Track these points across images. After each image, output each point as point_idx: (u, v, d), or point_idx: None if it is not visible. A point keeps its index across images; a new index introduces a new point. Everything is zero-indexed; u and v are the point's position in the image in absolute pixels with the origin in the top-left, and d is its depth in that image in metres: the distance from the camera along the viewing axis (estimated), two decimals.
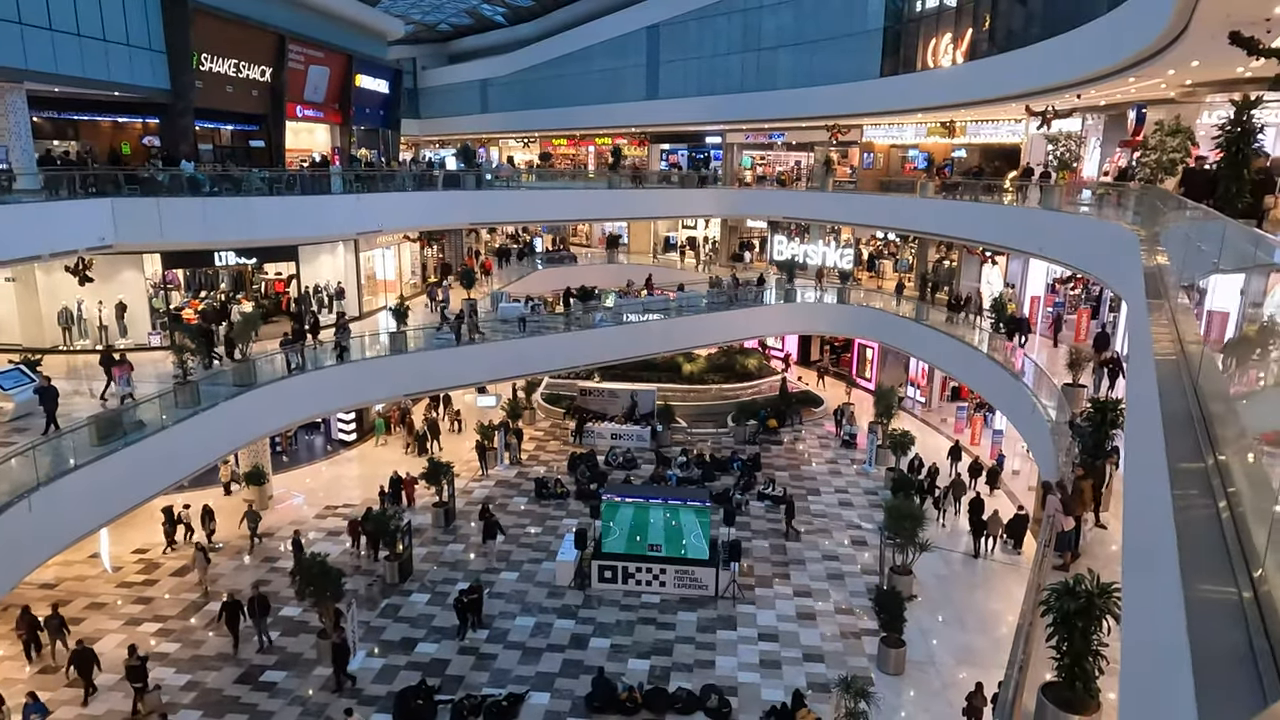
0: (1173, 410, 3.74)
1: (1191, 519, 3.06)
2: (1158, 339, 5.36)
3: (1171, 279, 8.42)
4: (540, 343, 27.36)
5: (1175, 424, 3.59)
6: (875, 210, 33.06)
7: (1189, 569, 2.77)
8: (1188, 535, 3.00)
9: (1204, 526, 2.93)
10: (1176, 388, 4.02)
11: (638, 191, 39.60)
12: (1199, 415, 3.54)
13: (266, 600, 17.68)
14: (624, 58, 44.68)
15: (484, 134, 58.78)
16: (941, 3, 28.85)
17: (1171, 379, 4.24)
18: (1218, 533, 2.82)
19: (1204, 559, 2.62)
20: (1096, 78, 18.97)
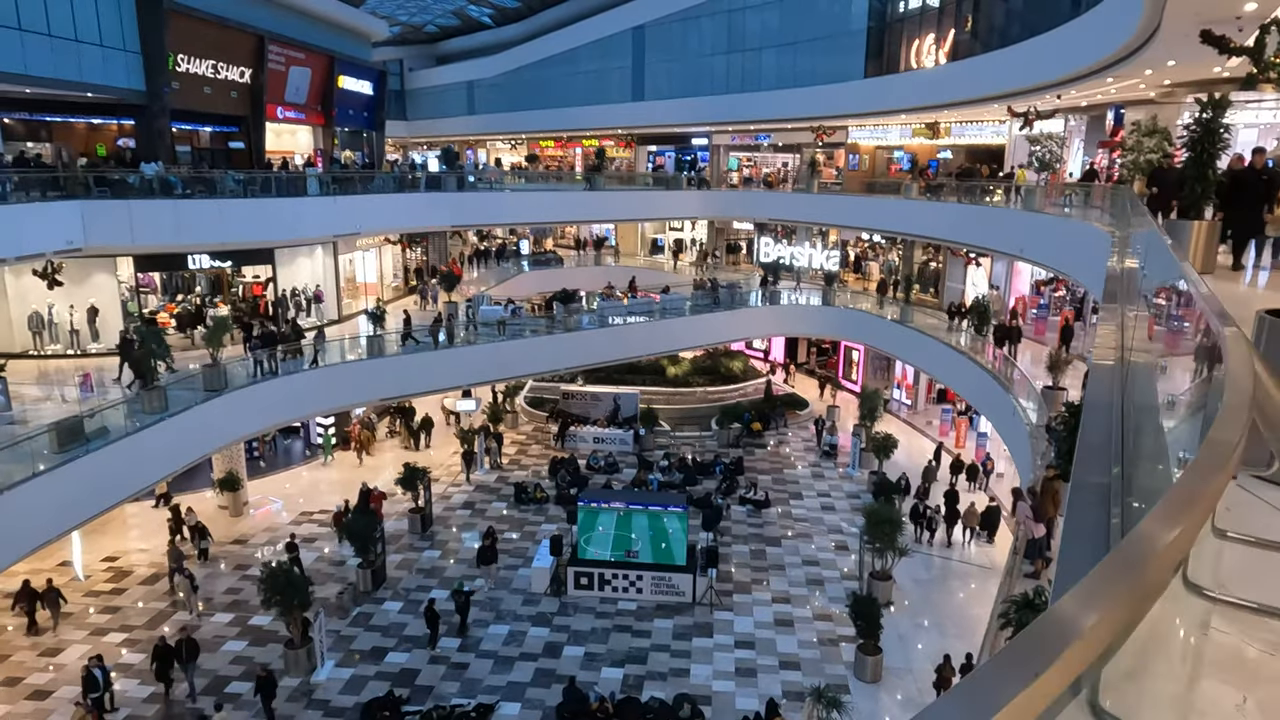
0: (1095, 419, 3.55)
1: (1080, 528, 2.89)
2: (1102, 345, 5.17)
3: (1132, 283, 8.24)
4: (520, 346, 27.09)
5: (1094, 433, 3.40)
6: (860, 212, 32.92)
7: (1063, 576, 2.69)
8: (1073, 543, 2.86)
9: (1091, 539, 2.75)
10: (1106, 395, 3.83)
11: (622, 193, 39.46)
12: (1118, 425, 3.35)
13: (196, 645, 16.33)
14: (610, 59, 44.53)
15: (471, 136, 58.57)
16: (924, 4, 28.73)
17: (1104, 386, 4.05)
18: (1102, 546, 2.65)
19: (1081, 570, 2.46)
20: (1075, 78, 18.85)
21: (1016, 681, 0.96)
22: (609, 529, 19.94)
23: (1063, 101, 23.24)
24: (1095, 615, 1.13)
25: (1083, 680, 1.16)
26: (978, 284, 30.19)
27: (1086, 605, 1.17)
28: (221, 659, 17.23)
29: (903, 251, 35.12)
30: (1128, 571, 1.29)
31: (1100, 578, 1.26)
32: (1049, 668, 0.99)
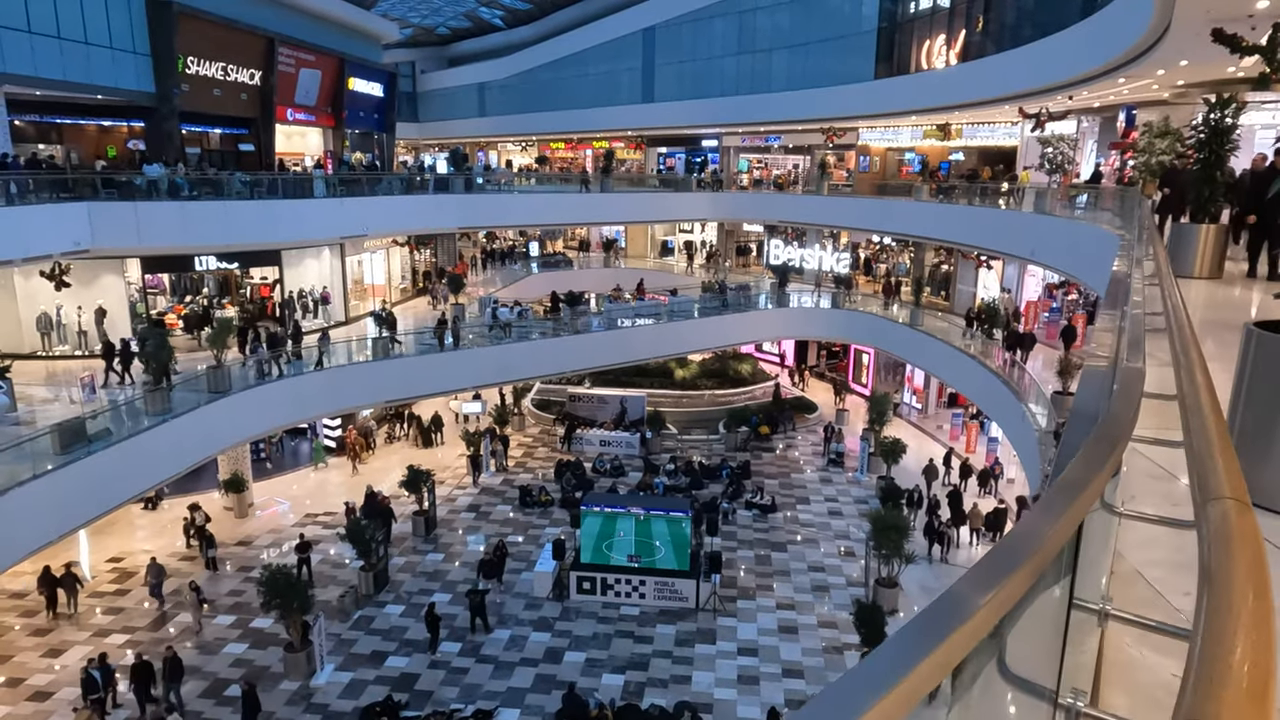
0: (1079, 426, 3.38)
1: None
2: (1095, 350, 4.97)
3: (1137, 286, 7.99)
4: (526, 348, 27.01)
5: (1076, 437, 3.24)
6: (870, 214, 32.64)
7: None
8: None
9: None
10: (1094, 402, 3.65)
11: (630, 195, 39.34)
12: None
13: (179, 664, 15.90)
14: (620, 61, 44.42)
15: (482, 137, 58.63)
16: (934, 4, 28.44)
17: (1092, 392, 3.87)
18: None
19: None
20: (1086, 79, 18.56)
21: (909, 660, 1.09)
22: (612, 533, 19.79)
23: (1075, 103, 22.92)
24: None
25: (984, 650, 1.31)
26: (989, 287, 29.85)
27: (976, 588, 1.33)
28: (221, 662, 17.21)
29: (914, 254, 34.83)
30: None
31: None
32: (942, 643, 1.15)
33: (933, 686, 1.13)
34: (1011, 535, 1.52)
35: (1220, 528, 1.37)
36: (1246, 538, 1.31)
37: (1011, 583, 1.32)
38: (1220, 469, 1.67)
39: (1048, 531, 1.48)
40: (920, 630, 1.22)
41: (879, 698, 0.97)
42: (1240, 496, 1.49)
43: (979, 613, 1.24)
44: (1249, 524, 1.38)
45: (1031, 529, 1.51)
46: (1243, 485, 1.58)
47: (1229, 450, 1.84)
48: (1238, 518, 1.39)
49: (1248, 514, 1.42)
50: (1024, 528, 1.53)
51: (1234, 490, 1.52)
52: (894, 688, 1.01)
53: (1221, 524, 1.38)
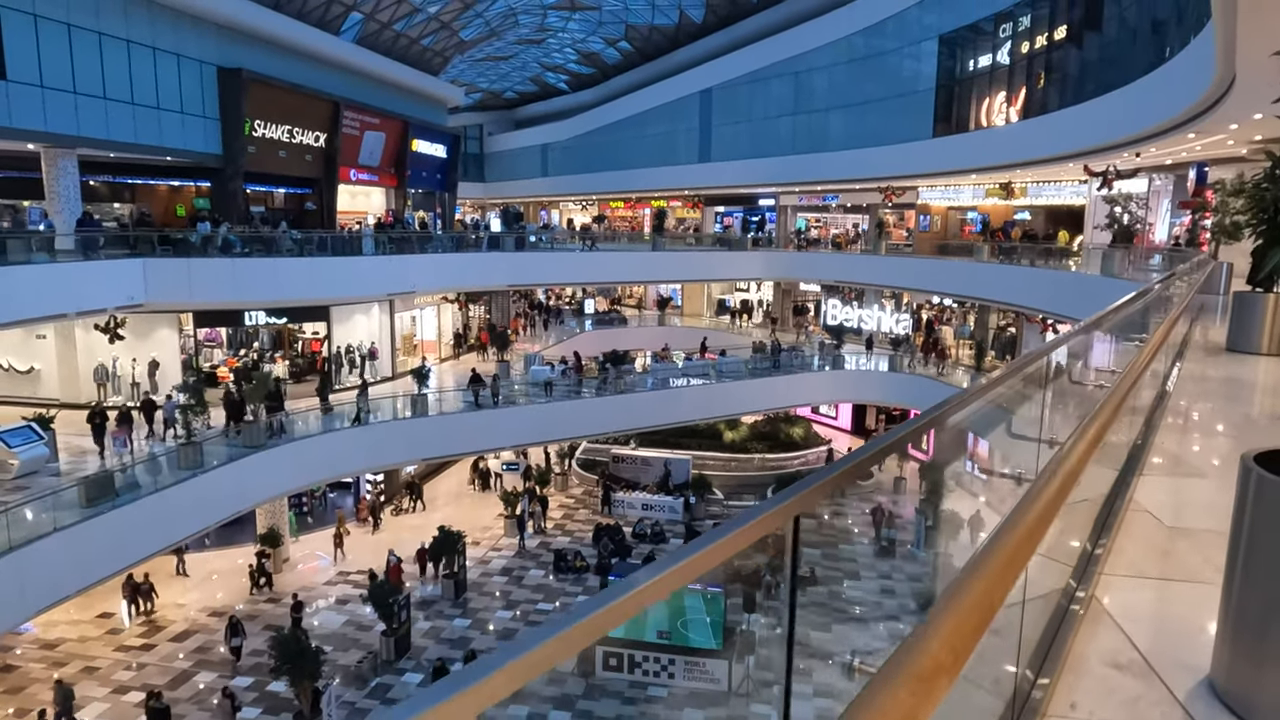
0: None
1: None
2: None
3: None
4: (568, 408, 26.57)
5: None
6: (928, 274, 31.49)
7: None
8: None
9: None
10: None
11: (684, 253, 39.09)
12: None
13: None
14: (678, 121, 44.71)
15: (544, 196, 59.68)
16: (994, 61, 27.63)
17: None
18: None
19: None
20: (1151, 135, 17.43)
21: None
22: (657, 608, 18.75)
23: (1143, 160, 21.63)
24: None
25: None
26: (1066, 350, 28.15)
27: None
28: None
29: (977, 316, 33.38)
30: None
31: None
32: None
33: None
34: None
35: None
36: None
37: None
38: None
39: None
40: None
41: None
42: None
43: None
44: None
45: None
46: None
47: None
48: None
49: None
50: None
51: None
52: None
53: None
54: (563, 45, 51.00)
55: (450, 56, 44.83)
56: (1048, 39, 24.93)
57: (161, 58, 24.50)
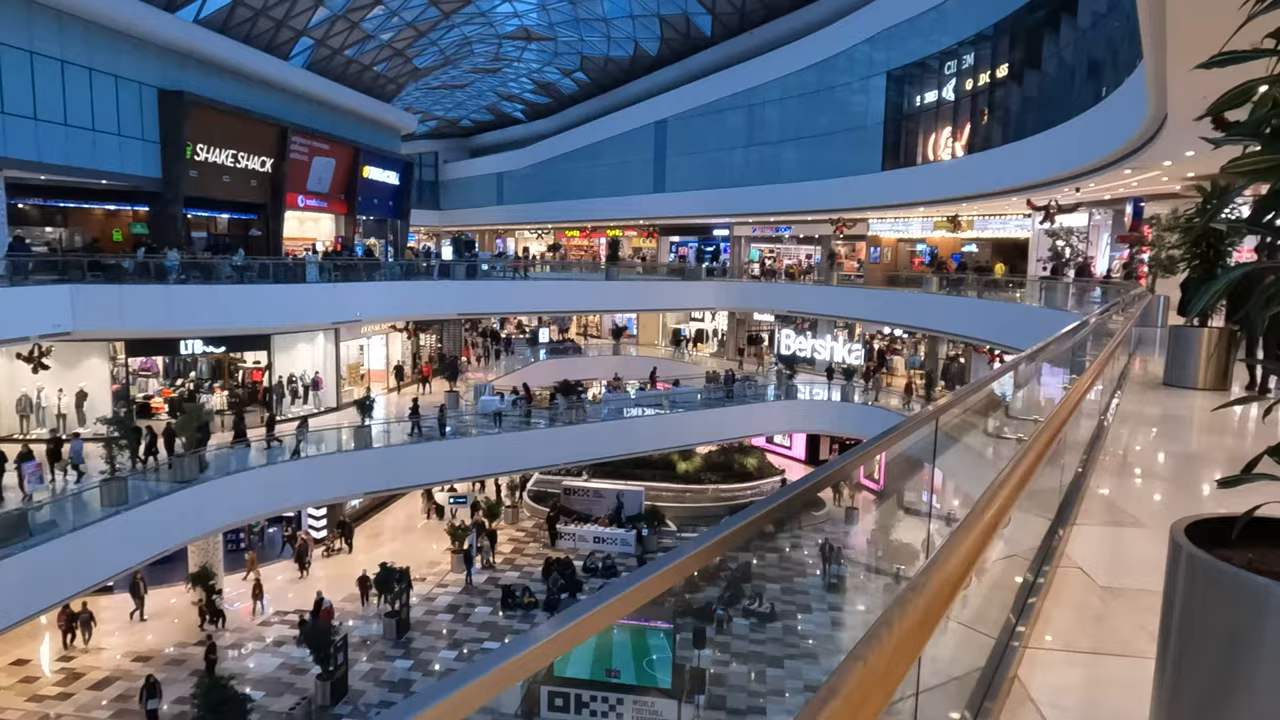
0: None
1: None
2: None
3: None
4: (518, 438, 26.06)
5: None
6: (879, 305, 31.80)
7: None
8: None
9: None
10: None
11: (639, 283, 39.06)
12: None
13: None
14: (633, 152, 44.90)
15: (500, 225, 59.38)
16: (940, 97, 28.23)
17: None
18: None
19: None
20: (1089, 171, 17.81)
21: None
22: (589, 644, 18.29)
23: (1084, 195, 22.14)
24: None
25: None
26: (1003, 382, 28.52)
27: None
28: None
29: (927, 346, 33.76)
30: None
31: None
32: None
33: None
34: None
35: None
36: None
37: None
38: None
39: None
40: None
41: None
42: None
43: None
44: None
45: None
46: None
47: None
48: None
49: None
50: None
51: None
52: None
53: None
54: (519, 75, 51.07)
55: (404, 83, 44.53)
56: (990, 77, 25.55)
57: (98, 78, 23.76)
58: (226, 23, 28.01)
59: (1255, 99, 1.71)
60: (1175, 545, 1.78)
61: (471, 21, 40.70)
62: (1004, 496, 1.65)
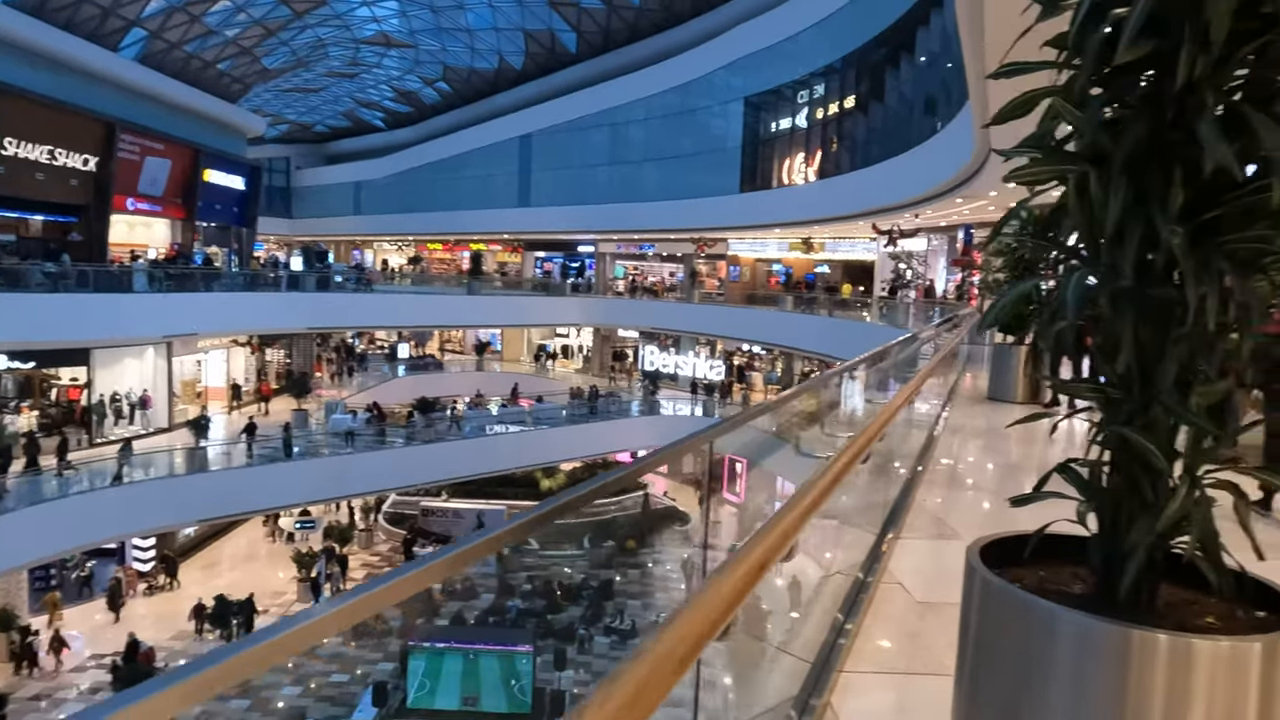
0: None
1: None
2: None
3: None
4: (372, 459, 24.98)
5: None
6: (739, 322, 32.76)
7: None
8: None
9: None
10: None
11: (502, 298, 38.54)
12: None
13: None
14: (497, 165, 44.38)
15: (357, 236, 57.15)
16: (794, 124, 29.52)
17: None
18: None
19: None
20: (926, 199, 19.04)
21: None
22: (444, 672, 17.61)
23: (922, 221, 23.67)
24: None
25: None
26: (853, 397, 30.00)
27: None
28: None
29: (783, 363, 35.04)
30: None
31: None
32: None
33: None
34: None
35: None
36: None
37: None
38: None
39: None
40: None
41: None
42: None
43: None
44: None
45: None
46: None
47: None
48: None
49: None
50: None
51: None
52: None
53: None
54: (378, 81, 49.45)
55: (251, 84, 42.11)
56: (840, 107, 26.96)
57: None
58: (43, 5, 25.54)
59: (1041, 111, 1.73)
60: (970, 567, 1.77)
61: (326, 23, 39.08)
62: (788, 522, 1.58)
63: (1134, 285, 1.49)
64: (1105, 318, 1.57)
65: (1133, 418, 1.59)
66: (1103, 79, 1.54)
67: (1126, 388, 1.60)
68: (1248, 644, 1.49)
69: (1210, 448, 1.57)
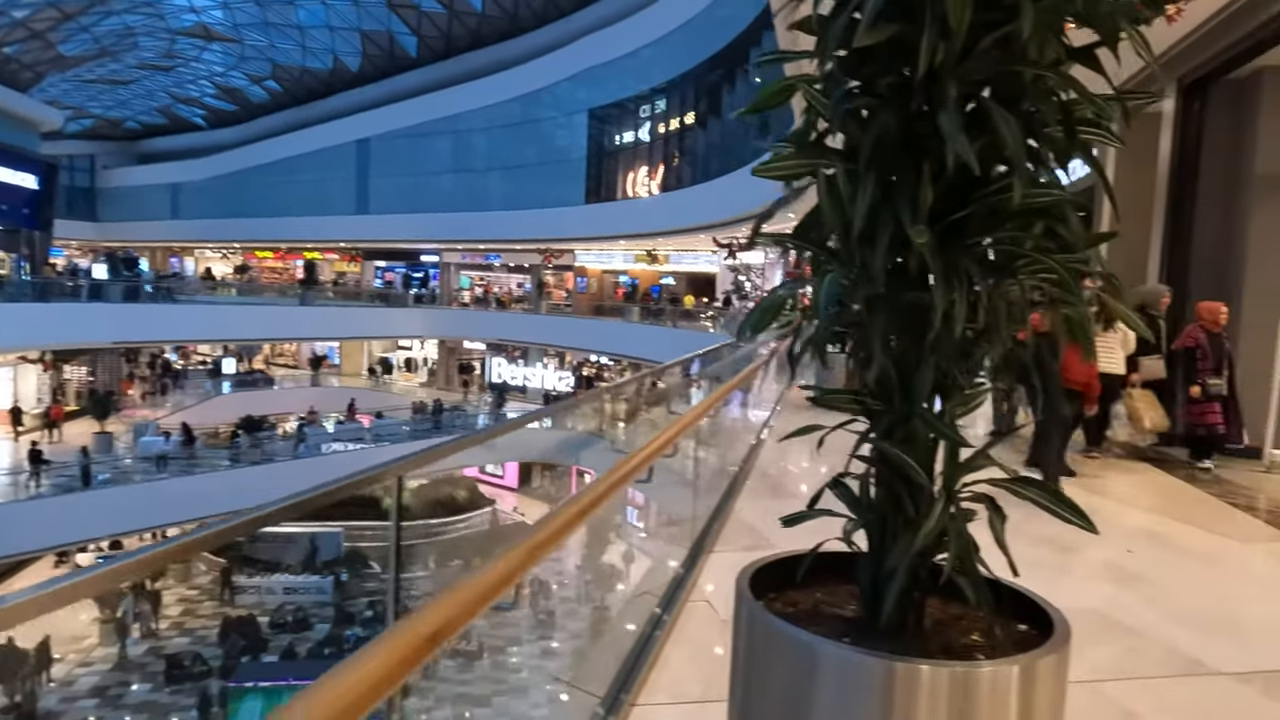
0: None
1: None
2: None
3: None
4: (189, 484, 22.97)
5: None
6: (586, 333, 32.71)
7: None
8: None
9: None
10: None
11: (339, 309, 36.67)
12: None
13: None
14: (333, 170, 42.25)
15: (176, 242, 52.66)
16: (637, 138, 29.92)
17: None
18: None
19: None
20: (759, 214, 19.68)
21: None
22: (263, 713, 16.31)
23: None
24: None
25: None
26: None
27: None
28: None
29: (631, 373, 35.33)
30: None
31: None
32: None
33: None
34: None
35: None
36: None
37: None
38: None
39: None
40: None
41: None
42: None
43: None
44: None
45: None
46: None
47: None
48: None
49: None
50: None
51: None
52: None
53: None
54: (197, 76, 45.91)
55: (44, 72, 37.98)
56: (680, 123, 27.58)
57: None
58: None
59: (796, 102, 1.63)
60: (738, 594, 1.64)
61: (136, 10, 35.87)
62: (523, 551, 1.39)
63: (886, 289, 1.40)
64: (862, 323, 1.48)
65: (893, 430, 1.51)
66: (853, 67, 1.45)
67: (887, 398, 1.51)
68: (1007, 667, 1.43)
69: (968, 460, 1.51)
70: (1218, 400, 7.02)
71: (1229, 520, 5.54)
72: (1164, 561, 4.64)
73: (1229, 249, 7.75)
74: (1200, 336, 7.06)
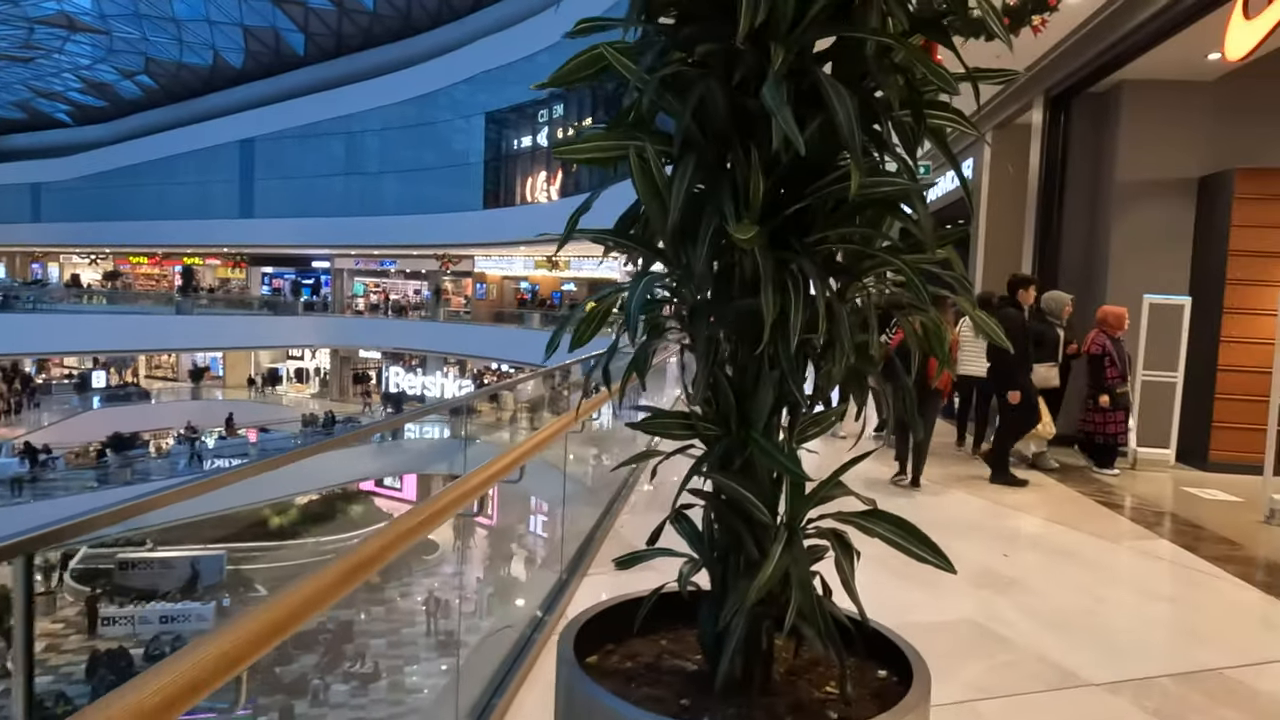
0: None
1: None
2: None
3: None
4: (49, 508, 21.12)
5: None
6: (485, 341, 32.01)
7: None
8: None
9: None
10: None
11: (220, 318, 34.76)
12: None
13: None
14: (214, 171, 40.04)
15: (37, 247, 48.83)
16: (535, 142, 29.53)
17: None
18: None
19: None
20: None
21: None
22: None
23: None
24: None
25: None
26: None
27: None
28: None
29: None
30: None
31: None
32: None
33: None
34: None
35: None
36: None
37: None
38: None
39: None
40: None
41: None
42: None
43: None
44: None
45: None
46: None
47: None
48: None
49: None
50: None
51: None
52: None
53: None
54: (60, 69, 42.74)
55: None
56: (577, 128, 27.35)
57: None
58: None
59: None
60: (560, 655, 1.40)
61: None
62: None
63: (713, 295, 1.19)
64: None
65: (730, 458, 1.30)
66: (669, 30, 1.24)
67: (723, 423, 1.30)
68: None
69: (816, 490, 1.32)
70: (1124, 410, 6.99)
71: (1100, 519, 5.69)
72: (1038, 564, 4.69)
73: (1094, 251, 8.09)
74: (1106, 343, 6.91)
